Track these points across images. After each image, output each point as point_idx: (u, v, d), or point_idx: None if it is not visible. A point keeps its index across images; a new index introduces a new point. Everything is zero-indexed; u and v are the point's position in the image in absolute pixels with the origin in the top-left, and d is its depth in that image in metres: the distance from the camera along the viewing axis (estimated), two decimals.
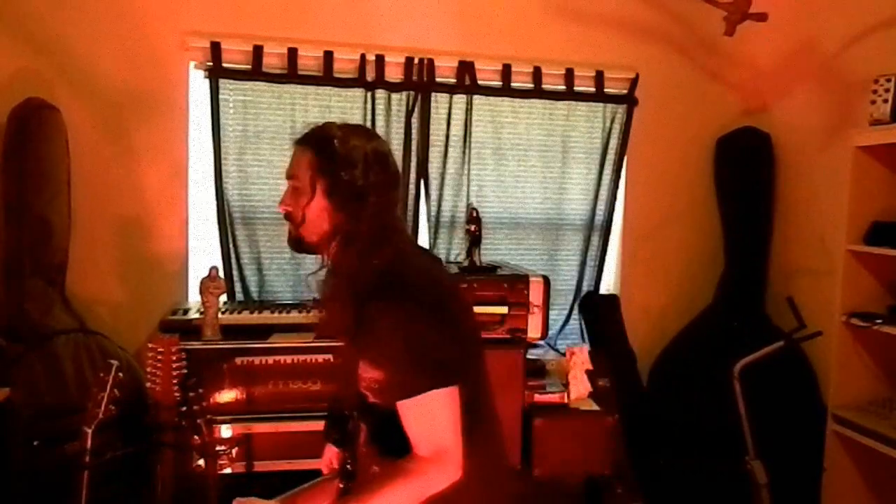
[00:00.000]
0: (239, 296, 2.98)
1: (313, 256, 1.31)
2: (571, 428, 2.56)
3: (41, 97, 2.64)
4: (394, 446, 1.24)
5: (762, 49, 3.34)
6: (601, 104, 3.25)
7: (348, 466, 1.47)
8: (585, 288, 3.34)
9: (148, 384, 2.03)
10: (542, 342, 2.80)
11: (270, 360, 2.47)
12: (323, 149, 1.30)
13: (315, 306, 1.42)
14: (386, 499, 1.17)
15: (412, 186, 3.09)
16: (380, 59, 2.98)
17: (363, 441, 1.41)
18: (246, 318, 2.64)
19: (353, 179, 1.28)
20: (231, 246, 2.95)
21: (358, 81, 2.97)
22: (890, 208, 2.57)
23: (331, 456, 1.60)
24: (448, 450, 1.18)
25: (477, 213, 2.79)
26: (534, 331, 2.59)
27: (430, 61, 3.03)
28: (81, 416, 1.92)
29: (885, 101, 2.46)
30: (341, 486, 1.49)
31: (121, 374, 1.97)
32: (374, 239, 1.28)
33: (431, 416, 1.18)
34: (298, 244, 1.36)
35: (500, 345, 2.54)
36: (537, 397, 2.58)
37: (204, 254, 2.99)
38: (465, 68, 3.07)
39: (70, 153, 2.70)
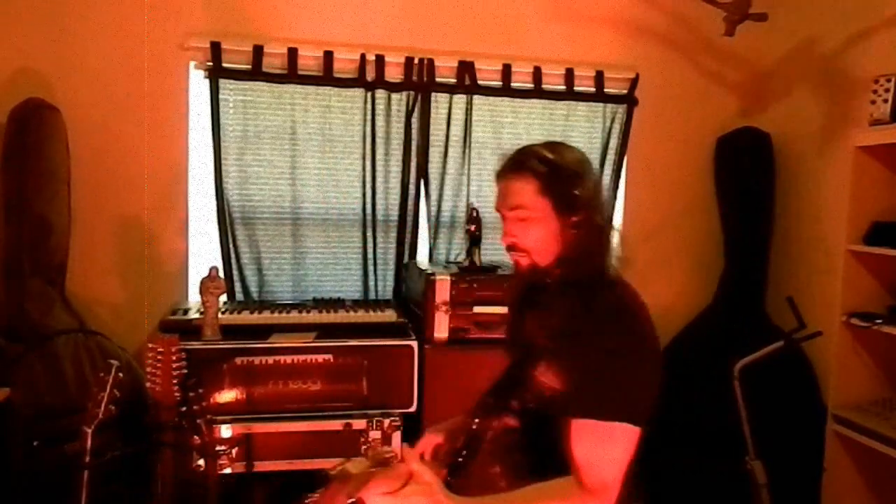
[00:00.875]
0: (239, 296, 2.98)
1: (314, 256, 1.29)
2: None
3: (41, 97, 2.64)
4: (537, 453, 1.22)
5: (762, 49, 3.34)
6: (601, 104, 3.25)
7: (460, 459, 1.42)
8: None
9: (148, 384, 2.03)
10: None
11: (270, 360, 2.46)
12: (545, 171, 1.29)
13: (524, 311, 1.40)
14: None
15: (412, 186, 3.09)
16: (380, 59, 2.98)
17: (491, 438, 1.36)
18: (246, 318, 2.64)
19: (582, 192, 1.28)
20: (231, 246, 2.95)
21: (358, 81, 2.97)
22: (890, 208, 2.57)
23: (428, 448, 1.53)
24: (610, 488, 1.14)
25: (477, 213, 2.80)
26: None
27: (430, 61, 3.03)
28: (81, 416, 1.92)
29: (885, 101, 2.46)
30: (448, 478, 1.40)
31: (121, 374, 1.97)
32: (602, 247, 1.29)
33: (612, 447, 1.14)
34: (533, 272, 1.34)
35: (501, 345, 2.54)
36: None
37: (204, 254, 2.99)
38: (465, 68, 3.07)
39: (70, 153, 2.70)
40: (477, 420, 1.42)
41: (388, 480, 1.09)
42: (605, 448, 1.13)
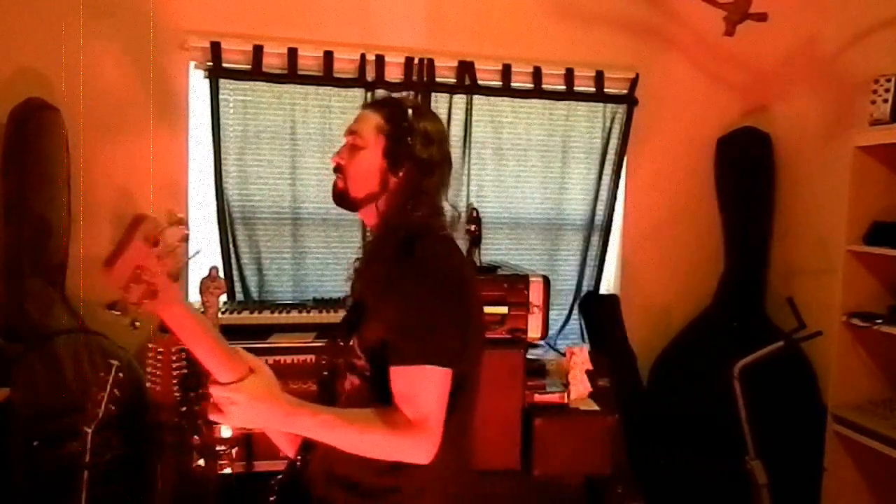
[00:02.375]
0: (239, 296, 2.98)
1: (314, 256, 1.30)
2: (571, 428, 2.55)
3: (41, 97, 2.64)
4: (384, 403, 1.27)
5: (762, 49, 3.34)
6: (601, 104, 3.25)
7: None
8: (585, 288, 3.34)
9: (148, 384, 2.03)
10: (542, 342, 2.80)
11: (270, 360, 2.46)
12: (393, 114, 1.38)
13: (357, 269, 1.46)
14: (362, 437, 1.20)
15: None
16: (380, 59, 2.98)
17: (344, 400, 1.42)
18: (246, 318, 2.64)
19: (419, 152, 1.35)
20: (231, 246, 2.95)
21: (358, 81, 2.97)
22: (890, 208, 2.57)
23: None
24: (430, 421, 1.20)
25: (477, 213, 2.79)
26: (534, 331, 2.59)
27: (430, 61, 3.03)
28: (81, 416, 1.92)
29: (885, 101, 2.47)
30: None
31: (121, 374, 1.97)
32: (422, 207, 1.35)
33: (422, 387, 1.21)
34: (342, 198, 1.42)
35: (500, 345, 2.54)
36: (537, 397, 2.58)
37: (204, 254, 2.99)
38: (465, 68, 3.07)
39: (70, 153, 2.70)
40: (325, 373, 1.52)
41: (227, 371, 1.15)
42: (416, 388, 1.21)
